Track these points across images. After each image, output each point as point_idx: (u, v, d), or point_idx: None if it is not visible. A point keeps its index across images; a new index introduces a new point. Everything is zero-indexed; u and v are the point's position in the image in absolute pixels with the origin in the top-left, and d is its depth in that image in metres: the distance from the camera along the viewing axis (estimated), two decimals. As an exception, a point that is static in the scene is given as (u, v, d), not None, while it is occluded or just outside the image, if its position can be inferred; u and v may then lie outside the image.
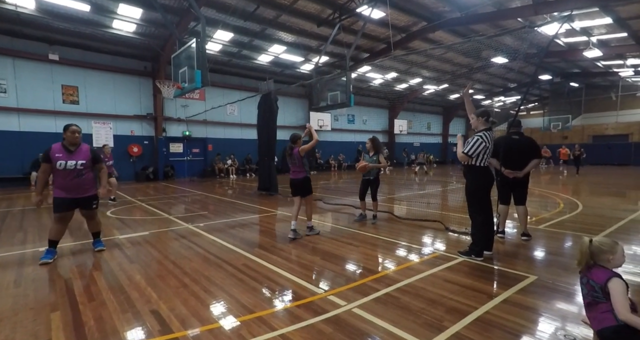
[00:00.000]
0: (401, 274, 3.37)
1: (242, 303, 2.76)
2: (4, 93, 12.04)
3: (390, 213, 6.70)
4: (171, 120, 16.02)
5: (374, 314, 2.50)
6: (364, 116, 25.27)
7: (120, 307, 2.72)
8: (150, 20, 11.54)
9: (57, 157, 3.86)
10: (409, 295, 2.85)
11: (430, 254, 4.11)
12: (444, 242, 4.64)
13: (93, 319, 2.51)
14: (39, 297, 2.91)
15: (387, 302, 2.72)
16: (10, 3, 9.76)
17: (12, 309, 2.69)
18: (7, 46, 11.97)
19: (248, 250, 4.30)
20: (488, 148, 3.68)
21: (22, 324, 2.44)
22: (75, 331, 2.33)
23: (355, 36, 12.28)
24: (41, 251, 4.32)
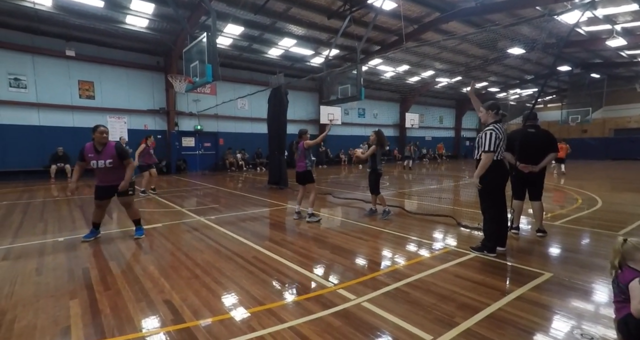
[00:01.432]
0: (411, 269, 3.34)
1: (252, 295, 2.80)
2: (24, 89, 12.40)
3: (401, 208, 6.64)
4: (183, 114, 16.22)
5: (384, 309, 2.49)
6: (374, 110, 25.00)
7: (135, 296, 2.79)
8: (162, 15, 11.62)
9: (90, 157, 4.26)
10: (419, 291, 2.82)
11: (441, 249, 4.06)
12: (455, 238, 4.57)
13: (109, 307, 2.59)
14: (58, 285, 3.02)
15: (397, 297, 2.71)
16: (29, 0, 9.98)
17: (34, 295, 2.80)
18: (27, 43, 12.29)
19: (258, 243, 4.35)
20: (502, 140, 3.59)
21: (44, 310, 2.54)
22: (93, 318, 2.41)
23: (366, 28, 12.06)
24: (60, 241, 4.48)
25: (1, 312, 2.50)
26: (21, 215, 6.08)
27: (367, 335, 2.17)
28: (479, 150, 3.66)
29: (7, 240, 4.48)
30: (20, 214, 6.25)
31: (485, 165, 3.54)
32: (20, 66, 12.30)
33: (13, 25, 11.84)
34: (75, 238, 4.63)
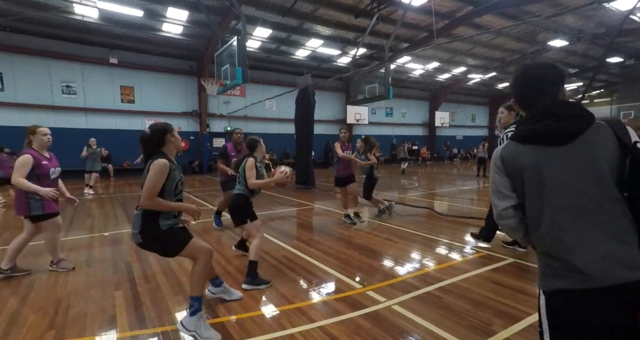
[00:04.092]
0: (443, 273, 3.24)
1: (282, 293, 2.85)
2: (74, 95, 13.49)
3: (431, 209, 6.46)
4: (214, 116, 16.84)
5: (415, 313, 2.44)
6: (402, 109, 24.51)
7: (172, 290, 2.94)
8: (195, 21, 12.14)
9: (232, 155, 5.04)
10: (452, 295, 2.74)
11: (474, 253, 3.90)
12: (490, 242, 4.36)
13: (149, 299, 2.76)
14: (105, 277, 3.26)
15: (429, 301, 2.64)
16: (78, 14, 10.84)
17: (85, 285, 3.05)
18: (76, 53, 13.36)
19: (287, 243, 4.42)
20: None
21: (93, 299, 2.75)
22: (135, 309, 2.58)
23: (394, 26, 11.85)
24: (106, 236, 4.83)
25: (57, 299, 2.74)
26: (72, 212, 6.61)
27: (398, 339, 2.13)
28: None
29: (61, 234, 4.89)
30: (71, 210, 6.79)
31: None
32: (71, 74, 13.39)
33: (65, 37, 12.92)
34: (118, 233, 4.97)
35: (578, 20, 11.71)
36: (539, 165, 1.09)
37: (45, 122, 12.90)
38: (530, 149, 1.12)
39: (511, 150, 1.17)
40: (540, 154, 1.09)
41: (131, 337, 2.19)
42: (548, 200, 1.07)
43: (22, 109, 12.55)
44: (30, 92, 12.76)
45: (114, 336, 2.21)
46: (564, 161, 1.06)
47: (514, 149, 1.16)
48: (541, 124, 1.09)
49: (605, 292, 0.96)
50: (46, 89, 13.03)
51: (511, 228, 1.19)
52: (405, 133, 24.62)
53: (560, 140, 1.07)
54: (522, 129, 1.15)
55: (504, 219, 1.19)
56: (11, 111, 12.42)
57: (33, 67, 12.74)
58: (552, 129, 1.07)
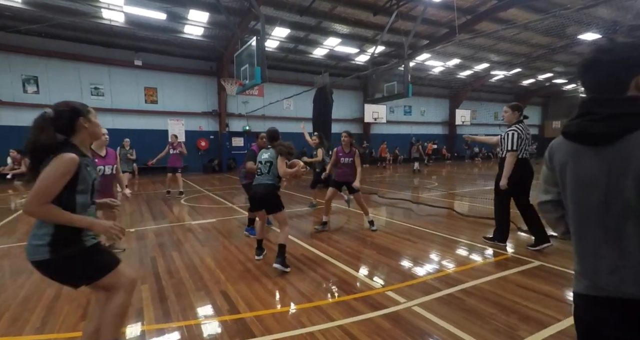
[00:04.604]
0: (465, 275, 3.16)
1: (301, 291, 2.87)
2: (102, 96, 14.11)
3: (451, 209, 6.31)
4: (233, 116, 17.14)
5: (436, 314, 2.39)
6: (421, 107, 24.06)
7: (195, 285, 3.02)
8: (215, 22, 12.38)
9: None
10: (475, 298, 2.66)
11: (498, 255, 3.78)
12: (515, 244, 4.22)
13: (174, 293, 2.84)
14: (131, 271, 3.39)
15: (451, 303, 2.58)
16: (105, 18, 11.32)
17: (112, 279, 3.18)
18: (103, 56, 13.96)
19: (305, 241, 4.44)
20: (524, 139, 3.80)
21: (120, 293, 2.87)
22: (161, 303, 2.67)
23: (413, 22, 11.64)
24: (132, 231, 5.01)
25: (89, 291, 2.87)
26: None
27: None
28: (504, 150, 3.87)
29: (90, 229, 5.13)
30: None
31: (511, 164, 3.77)
32: (98, 76, 14.01)
33: (94, 41, 13.52)
34: (143, 229, 5.15)
35: (612, 11, 11.09)
36: (567, 164, 1.04)
37: (76, 123, 13.56)
38: (567, 144, 1.06)
39: (556, 143, 1.11)
40: (571, 152, 1.03)
41: (157, 330, 2.27)
42: (570, 202, 1.04)
43: (54, 110, 13.25)
44: (62, 94, 13.43)
45: (141, 328, 2.29)
46: (592, 164, 0.96)
47: (558, 143, 1.10)
48: (576, 120, 1.02)
49: (614, 303, 0.93)
50: (76, 91, 13.68)
51: (550, 223, 1.20)
52: (425, 132, 24.16)
53: (592, 140, 0.96)
54: (566, 122, 1.07)
55: (542, 212, 1.21)
56: (45, 112, 13.13)
57: (65, 70, 13.42)
58: (583, 128, 0.98)
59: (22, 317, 2.43)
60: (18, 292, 2.88)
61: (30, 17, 11.15)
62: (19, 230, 5.17)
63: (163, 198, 8.34)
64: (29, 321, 2.37)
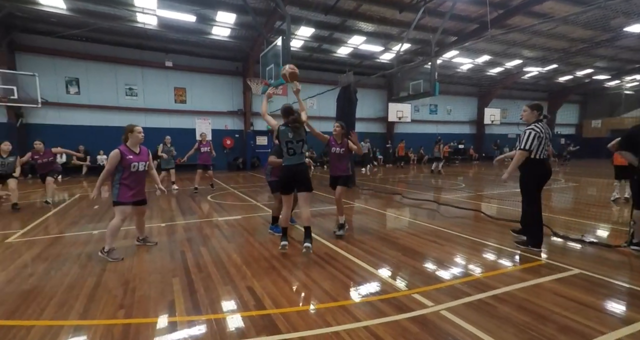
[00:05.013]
0: (496, 280, 3.04)
1: (325, 290, 2.88)
2: (136, 96, 14.85)
3: (479, 211, 6.09)
4: (257, 115, 17.43)
5: (466, 320, 2.32)
6: (448, 106, 23.36)
7: (222, 280, 3.11)
8: (242, 23, 12.65)
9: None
10: (508, 305, 2.55)
11: (532, 260, 3.60)
12: (549, 249, 4.00)
13: (203, 287, 2.95)
14: (163, 264, 3.55)
15: (481, 309, 2.49)
16: (140, 22, 11.88)
17: (147, 271, 3.34)
18: (137, 58, 14.68)
19: (328, 240, 4.45)
20: (542, 139, 3.75)
21: (154, 284, 3.01)
22: (191, 296, 2.77)
23: (441, 19, 11.32)
24: (162, 226, 5.24)
25: (125, 281, 3.05)
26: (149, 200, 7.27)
27: (447, 346, 2.05)
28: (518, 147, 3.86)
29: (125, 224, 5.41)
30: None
31: (518, 162, 3.77)
32: (133, 78, 14.74)
33: (128, 44, 14.24)
34: (173, 224, 5.38)
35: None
36: None
37: (111, 122, 14.38)
38: None
39: None
40: None
41: (188, 321, 2.36)
42: None
43: (93, 110, 14.09)
44: (100, 94, 14.27)
45: (173, 320, 2.40)
46: None
47: None
48: None
49: None
50: (113, 91, 14.47)
51: None
52: (451, 131, 23.47)
53: None
54: None
55: None
56: (85, 112, 14.00)
57: (103, 72, 14.23)
58: None
59: (67, 303, 2.61)
60: (63, 280, 3.10)
61: (74, 23, 11.91)
62: (62, 222, 5.55)
63: (191, 194, 8.65)
64: (73, 307, 2.55)
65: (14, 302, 2.63)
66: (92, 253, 3.86)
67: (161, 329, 2.27)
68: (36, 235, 4.72)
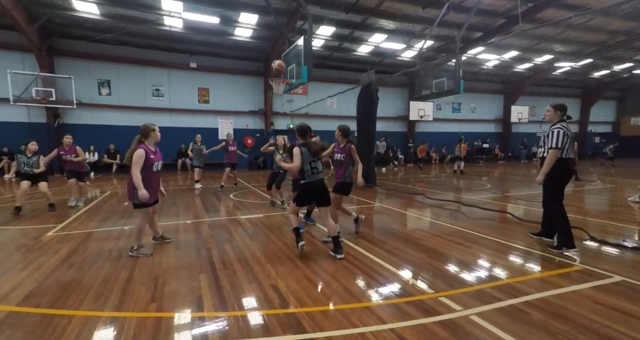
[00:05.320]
0: (528, 285, 2.92)
1: (349, 290, 2.87)
2: (162, 97, 15.40)
3: (508, 213, 5.86)
4: (278, 114, 17.63)
5: (498, 326, 2.24)
6: (472, 104, 22.64)
7: (247, 277, 3.17)
8: (263, 24, 12.81)
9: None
10: (542, 312, 2.44)
11: (567, 266, 3.42)
12: (587, 254, 3.79)
13: (229, 284, 3.01)
14: (190, 260, 3.65)
15: (514, 316, 2.40)
16: (166, 24, 12.30)
17: (175, 266, 3.46)
18: (164, 59, 15.21)
19: (351, 240, 4.43)
20: (570, 138, 3.78)
21: (182, 279, 3.11)
22: (217, 292, 2.84)
23: (466, 14, 10.96)
24: (188, 223, 5.41)
25: (155, 276, 3.17)
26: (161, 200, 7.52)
27: (477, 353, 1.99)
28: (546, 147, 3.87)
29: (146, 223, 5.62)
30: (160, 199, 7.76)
31: (551, 161, 3.75)
32: (159, 79, 15.29)
33: (156, 46, 14.78)
34: (198, 222, 5.53)
35: None
36: None
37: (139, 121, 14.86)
38: None
39: None
40: None
41: (216, 317, 2.42)
42: None
43: (123, 111, 14.73)
44: (129, 95, 14.90)
45: (202, 315, 2.46)
46: None
47: None
48: None
49: None
50: (141, 92, 15.07)
51: None
52: (475, 130, 22.74)
53: None
54: None
55: None
56: (116, 112, 14.66)
57: (132, 74, 14.85)
58: None
59: (103, 295, 2.75)
60: (99, 273, 3.26)
61: (106, 27, 12.49)
62: (95, 218, 5.85)
63: (215, 192, 8.87)
64: (109, 299, 2.68)
65: (56, 293, 2.80)
66: (123, 248, 4.03)
67: (191, 324, 2.34)
68: (72, 229, 4.99)
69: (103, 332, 2.22)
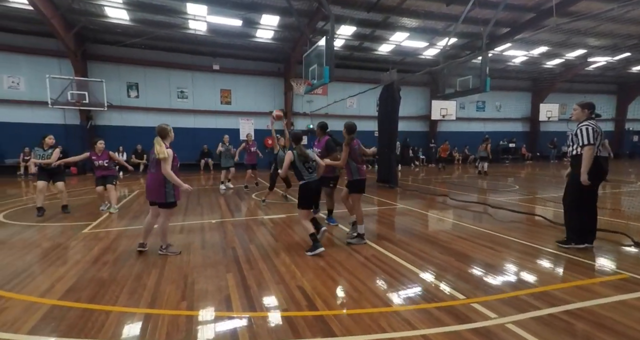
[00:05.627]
0: (568, 294, 2.76)
1: (376, 294, 2.82)
2: (186, 99, 15.86)
3: (540, 216, 5.59)
4: (298, 115, 17.72)
5: (537, 337, 2.12)
6: (497, 102, 21.85)
7: (273, 278, 3.18)
8: (284, 25, 12.90)
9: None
10: (587, 323, 2.30)
11: (612, 274, 3.21)
12: (629, 261, 3.55)
13: (255, 284, 3.04)
14: (217, 259, 3.72)
15: (554, 325, 2.27)
16: (191, 28, 12.65)
17: (202, 265, 3.53)
18: (188, 62, 15.66)
19: (374, 241, 4.37)
20: (599, 134, 3.71)
21: (210, 278, 3.17)
22: (245, 292, 2.87)
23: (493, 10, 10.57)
24: (213, 222, 5.52)
25: (185, 275, 3.24)
26: (185, 200, 7.75)
27: (516, 364, 1.89)
28: (575, 146, 3.82)
29: (180, 219, 5.79)
30: (184, 199, 7.97)
31: (590, 157, 3.64)
32: (184, 81, 15.75)
33: (181, 49, 15.22)
34: (222, 221, 5.63)
35: None
36: None
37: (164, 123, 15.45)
38: None
39: None
40: None
41: (244, 317, 2.44)
42: None
43: (149, 112, 15.28)
44: (155, 97, 15.43)
45: (230, 314, 2.49)
46: None
47: None
48: None
49: None
50: (166, 94, 15.58)
51: None
52: (500, 129, 21.93)
53: None
54: None
55: None
56: (143, 114, 15.23)
57: (159, 76, 15.38)
58: None
59: (136, 292, 2.84)
60: (131, 270, 3.38)
61: (135, 32, 13.00)
62: (126, 217, 6.08)
63: (237, 192, 9.02)
64: (142, 296, 2.77)
65: (94, 288, 2.92)
66: (152, 245, 4.14)
67: (220, 323, 2.37)
68: (105, 227, 5.21)
69: (138, 328, 2.29)
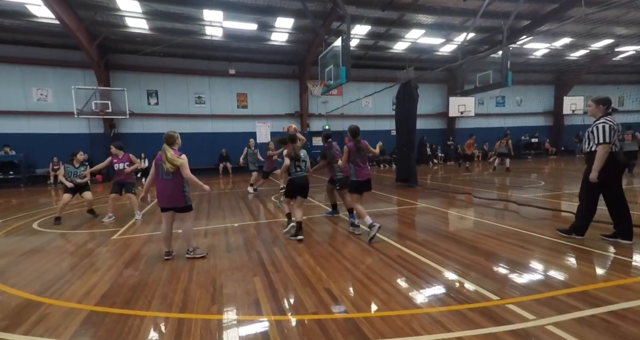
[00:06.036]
0: (611, 294, 2.62)
1: (405, 295, 2.77)
2: (203, 104, 16.20)
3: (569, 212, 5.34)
4: (313, 116, 17.76)
5: (581, 339, 2.03)
6: (517, 96, 21.17)
7: (300, 280, 3.18)
8: (299, 27, 12.97)
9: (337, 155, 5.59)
10: (634, 325, 2.17)
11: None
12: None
13: (282, 287, 3.04)
14: (243, 263, 3.76)
15: (598, 327, 2.15)
16: (207, 34, 12.92)
17: (229, 268, 3.58)
18: (205, 68, 15.99)
19: (398, 242, 4.30)
20: (616, 132, 3.69)
21: (238, 282, 3.20)
22: (272, 295, 2.88)
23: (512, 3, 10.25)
24: (236, 226, 5.58)
25: (213, 279, 3.29)
26: (207, 204, 7.90)
27: (561, 372, 1.81)
28: (591, 143, 3.79)
29: (203, 223, 5.91)
30: (206, 203, 8.13)
31: (603, 157, 3.64)
32: (201, 87, 16.10)
33: (198, 56, 15.57)
34: (244, 224, 5.70)
35: None
36: None
37: (183, 128, 15.82)
38: None
39: None
40: None
41: (275, 321, 2.44)
42: None
43: (169, 119, 15.70)
44: (174, 104, 15.84)
45: (261, 318, 2.50)
46: None
47: None
48: None
49: None
50: (184, 100, 15.96)
51: None
52: (521, 124, 21.21)
53: None
54: None
55: None
56: (163, 121, 15.65)
57: (177, 83, 15.78)
58: None
59: (168, 297, 2.90)
60: (161, 274, 3.46)
61: (153, 40, 13.40)
62: (151, 222, 6.25)
63: (257, 195, 9.11)
64: (174, 300, 2.82)
65: (127, 293, 3.00)
66: (179, 249, 4.23)
67: (251, 327, 2.38)
68: (133, 233, 5.37)
69: (173, 333, 2.33)
